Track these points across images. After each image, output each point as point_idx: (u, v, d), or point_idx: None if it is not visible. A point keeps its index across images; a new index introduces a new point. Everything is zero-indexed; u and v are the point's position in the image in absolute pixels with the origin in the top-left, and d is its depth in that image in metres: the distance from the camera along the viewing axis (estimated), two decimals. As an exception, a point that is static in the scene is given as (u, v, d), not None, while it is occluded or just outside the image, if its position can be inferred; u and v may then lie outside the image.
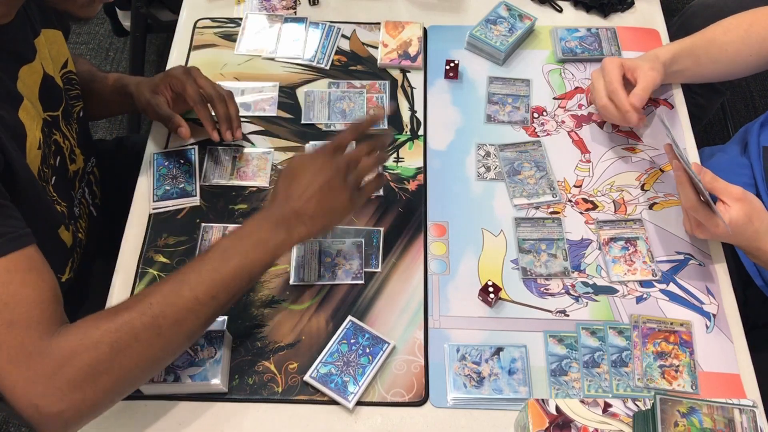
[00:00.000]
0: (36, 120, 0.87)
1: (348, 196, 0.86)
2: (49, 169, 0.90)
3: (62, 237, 0.93)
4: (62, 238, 0.93)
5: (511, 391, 0.88)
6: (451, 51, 1.22)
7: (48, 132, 0.91)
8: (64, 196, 0.95)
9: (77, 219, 0.99)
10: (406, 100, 1.16)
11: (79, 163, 1.00)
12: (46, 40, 0.92)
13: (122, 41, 2.29)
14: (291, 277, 0.97)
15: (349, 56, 1.21)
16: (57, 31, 0.96)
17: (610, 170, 1.08)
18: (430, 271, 0.98)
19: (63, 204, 0.94)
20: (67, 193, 0.97)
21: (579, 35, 1.22)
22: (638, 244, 1.00)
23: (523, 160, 1.08)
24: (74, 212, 0.98)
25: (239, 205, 1.04)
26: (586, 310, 0.95)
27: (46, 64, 0.91)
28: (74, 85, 1.00)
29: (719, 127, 2.12)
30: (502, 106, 1.15)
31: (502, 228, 1.02)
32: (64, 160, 0.96)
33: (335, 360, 0.89)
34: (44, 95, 0.90)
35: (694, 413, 0.77)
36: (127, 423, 0.86)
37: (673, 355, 0.90)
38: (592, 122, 1.13)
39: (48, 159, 0.90)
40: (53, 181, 0.92)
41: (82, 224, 1.01)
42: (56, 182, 0.92)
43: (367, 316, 0.94)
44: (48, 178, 0.90)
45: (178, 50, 1.22)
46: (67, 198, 0.96)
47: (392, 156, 1.09)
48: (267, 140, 1.11)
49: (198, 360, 0.86)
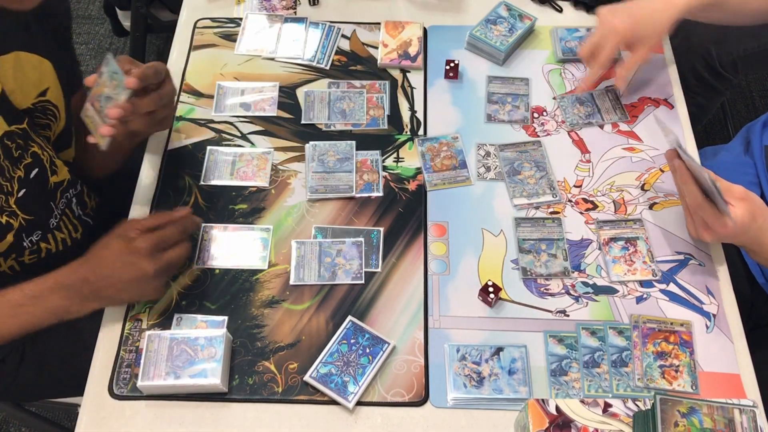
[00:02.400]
0: None
1: (152, 289, 0.90)
2: (8, 182, 0.89)
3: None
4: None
5: (511, 391, 0.88)
6: (451, 51, 1.22)
7: (22, 144, 0.90)
8: (36, 208, 0.94)
9: (52, 230, 0.98)
10: (406, 100, 1.16)
11: (62, 174, 0.99)
12: (19, 62, 0.90)
13: (122, 41, 2.30)
14: (291, 277, 0.97)
15: (349, 56, 1.21)
16: (44, 60, 0.94)
17: (610, 170, 1.08)
18: (430, 271, 0.98)
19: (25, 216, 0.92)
20: (45, 206, 0.96)
21: (579, 35, 1.22)
22: (638, 244, 1.00)
23: (523, 160, 1.08)
24: (49, 224, 0.97)
25: (239, 205, 1.04)
26: (586, 310, 0.95)
27: (5, 81, 0.88)
28: (48, 115, 0.97)
29: (719, 127, 2.12)
30: (502, 105, 1.15)
31: (502, 228, 1.02)
32: (44, 173, 0.94)
33: (335, 360, 0.89)
34: (4, 110, 0.88)
35: (694, 413, 0.77)
36: (128, 423, 0.86)
37: (673, 355, 0.90)
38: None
39: (6, 171, 0.88)
40: (20, 193, 0.91)
41: (60, 236, 0.99)
42: (25, 195, 0.91)
43: (367, 316, 0.94)
44: (10, 190, 0.89)
45: (178, 50, 1.22)
46: (41, 210, 0.95)
47: (392, 156, 1.09)
48: (267, 140, 1.11)
49: (198, 360, 0.86)
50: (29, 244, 0.94)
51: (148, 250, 0.87)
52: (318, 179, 1.05)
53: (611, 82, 1.16)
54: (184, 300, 0.95)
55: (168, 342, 0.87)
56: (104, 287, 0.88)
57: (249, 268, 0.98)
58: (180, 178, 1.06)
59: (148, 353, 0.86)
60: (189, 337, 0.87)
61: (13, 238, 0.91)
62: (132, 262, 0.86)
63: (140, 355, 0.88)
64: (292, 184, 1.06)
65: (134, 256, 0.86)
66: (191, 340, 0.87)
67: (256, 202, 1.04)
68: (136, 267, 0.86)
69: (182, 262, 0.92)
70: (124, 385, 0.88)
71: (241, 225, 1.02)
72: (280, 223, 1.02)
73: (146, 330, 0.92)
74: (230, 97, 1.15)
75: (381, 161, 1.08)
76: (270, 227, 1.01)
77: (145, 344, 0.87)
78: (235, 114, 1.13)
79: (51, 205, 0.97)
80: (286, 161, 1.09)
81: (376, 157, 1.09)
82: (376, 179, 1.06)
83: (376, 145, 1.10)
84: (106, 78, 0.88)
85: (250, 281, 0.97)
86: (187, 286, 0.96)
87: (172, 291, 0.96)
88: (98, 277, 0.87)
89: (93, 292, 0.88)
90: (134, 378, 0.88)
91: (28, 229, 0.93)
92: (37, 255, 0.97)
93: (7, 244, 0.91)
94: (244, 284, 0.97)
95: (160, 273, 0.88)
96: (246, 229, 1.01)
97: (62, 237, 1.00)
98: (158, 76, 0.91)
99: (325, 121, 1.13)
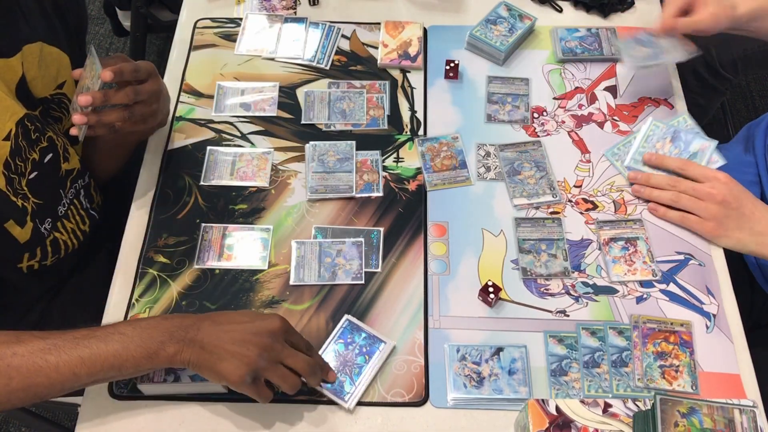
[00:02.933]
0: (10, 112, 0.87)
1: (248, 362, 0.78)
2: (23, 162, 0.89)
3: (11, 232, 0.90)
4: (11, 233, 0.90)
5: (511, 391, 0.88)
6: (451, 51, 1.22)
7: (39, 127, 0.91)
8: (46, 193, 0.94)
9: (61, 218, 0.98)
10: (406, 100, 1.16)
11: (73, 163, 1.00)
12: (42, 53, 0.93)
13: (122, 41, 2.30)
14: (291, 277, 0.97)
15: (349, 56, 1.21)
16: (63, 54, 0.97)
17: (610, 170, 1.08)
18: (430, 271, 0.98)
19: (35, 200, 0.92)
20: (54, 192, 0.96)
21: (579, 35, 1.22)
22: (638, 244, 1.00)
23: (523, 160, 1.08)
24: (57, 211, 0.97)
25: (239, 205, 1.04)
26: (586, 310, 0.95)
27: (28, 69, 0.91)
28: (62, 109, 0.99)
29: (719, 127, 2.12)
30: (502, 105, 1.15)
31: (502, 228, 1.02)
32: (57, 158, 0.95)
33: (331, 360, 0.89)
34: (22, 96, 0.90)
35: (694, 413, 0.77)
36: (128, 423, 0.86)
37: (673, 355, 0.90)
38: (592, 122, 1.13)
39: (23, 152, 0.89)
40: (32, 175, 0.91)
41: (69, 225, 0.99)
42: (36, 178, 0.92)
43: (367, 316, 0.94)
44: (23, 171, 0.90)
45: (178, 50, 1.22)
46: (49, 196, 0.95)
47: (392, 156, 1.09)
48: (267, 140, 1.11)
49: (198, 360, 0.86)
50: (45, 232, 0.94)
51: (281, 330, 0.81)
52: (318, 179, 1.05)
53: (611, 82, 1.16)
54: (184, 300, 0.95)
55: (168, 342, 0.87)
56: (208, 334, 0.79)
57: (249, 269, 0.98)
58: (180, 178, 1.06)
59: (148, 353, 0.86)
60: (189, 337, 0.87)
61: (32, 222, 0.91)
62: (257, 327, 0.80)
63: (140, 356, 0.88)
64: (292, 184, 1.06)
65: (264, 322, 0.81)
66: (191, 340, 0.87)
67: (256, 202, 1.04)
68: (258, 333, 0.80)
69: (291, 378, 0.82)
70: (124, 385, 0.88)
71: (241, 225, 1.02)
72: (280, 223, 1.02)
73: (146, 330, 0.91)
74: (230, 97, 1.15)
75: (381, 161, 1.08)
76: (270, 227, 1.01)
77: (145, 344, 0.87)
78: (235, 114, 1.13)
79: (60, 192, 0.97)
80: (286, 161, 1.09)
81: (376, 157, 1.09)
82: (376, 179, 1.06)
83: (376, 145, 1.10)
84: (88, 71, 0.89)
85: (250, 281, 0.97)
86: (187, 286, 0.96)
87: (172, 291, 0.96)
88: (211, 322, 0.81)
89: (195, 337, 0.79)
90: (134, 378, 0.88)
91: (39, 215, 0.93)
92: (57, 253, 0.97)
93: (29, 230, 0.91)
94: (244, 284, 0.97)
95: (270, 358, 0.80)
96: (246, 229, 1.01)
97: (71, 227, 0.99)
98: (136, 74, 0.90)
99: (325, 121, 1.13)
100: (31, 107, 0.92)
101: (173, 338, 0.78)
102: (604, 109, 1.15)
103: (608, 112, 1.14)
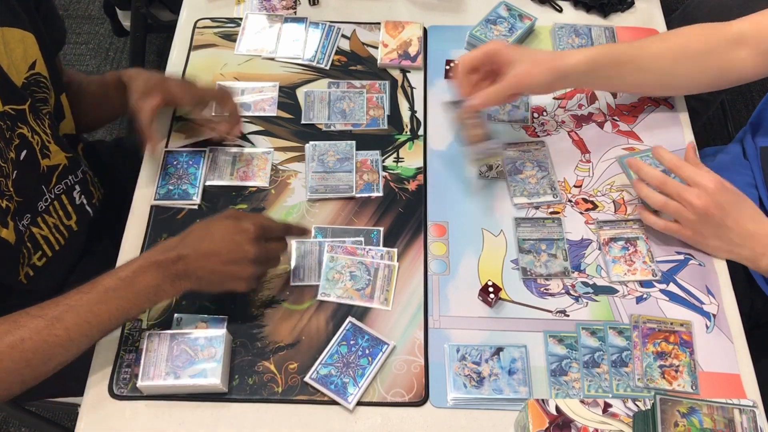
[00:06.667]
0: None
1: (246, 276, 0.86)
2: (6, 163, 0.89)
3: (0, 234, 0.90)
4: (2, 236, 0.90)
5: (511, 391, 0.88)
6: (451, 51, 1.22)
7: (10, 125, 0.90)
8: (27, 190, 0.94)
9: (41, 214, 0.97)
10: (406, 100, 1.16)
11: (55, 159, 0.98)
12: (4, 37, 0.90)
13: (122, 41, 2.30)
14: (291, 277, 0.97)
15: (349, 56, 1.21)
16: (26, 33, 0.94)
17: (610, 170, 1.08)
18: (430, 271, 0.98)
19: (17, 199, 0.92)
20: (35, 189, 0.96)
21: (579, 35, 1.22)
22: (638, 244, 1.00)
23: (526, 160, 1.08)
24: (37, 207, 0.96)
25: (239, 205, 1.04)
26: (586, 310, 0.95)
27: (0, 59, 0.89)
28: (42, 88, 0.98)
29: (719, 127, 2.12)
30: (502, 105, 1.15)
31: (502, 228, 1.02)
32: (34, 155, 0.94)
33: (335, 361, 0.89)
34: (8, 91, 0.89)
35: (694, 413, 0.77)
36: (128, 423, 0.86)
37: (673, 355, 0.90)
38: (592, 122, 1.13)
39: (2, 153, 0.88)
40: (14, 175, 0.90)
41: (50, 220, 0.99)
42: (18, 177, 0.91)
43: (366, 316, 0.94)
44: (7, 172, 0.89)
45: (178, 50, 1.22)
46: (30, 193, 0.94)
47: (392, 156, 1.09)
48: (267, 140, 1.11)
49: (198, 360, 0.86)
50: (23, 228, 0.94)
51: (255, 233, 0.86)
52: (318, 179, 1.05)
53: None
54: (184, 300, 0.95)
55: (168, 342, 0.87)
56: (199, 267, 0.85)
57: (249, 268, 0.98)
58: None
59: (148, 353, 0.86)
60: (189, 337, 0.87)
61: (12, 221, 0.91)
62: (236, 241, 0.85)
63: (140, 355, 0.88)
64: (292, 184, 1.06)
65: (239, 235, 0.85)
66: (191, 340, 0.87)
67: (256, 202, 1.04)
68: (239, 247, 0.85)
69: (279, 257, 0.92)
70: (124, 385, 0.88)
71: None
72: (280, 223, 1.02)
73: (146, 330, 0.92)
74: (230, 97, 1.15)
75: (381, 161, 1.08)
76: (270, 227, 1.01)
77: (145, 344, 0.87)
78: (235, 114, 1.13)
79: (42, 188, 0.97)
80: (286, 161, 1.09)
81: (376, 157, 1.09)
82: (376, 179, 1.06)
83: (376, 145, 1.10)
84: None
85: (250, 281, 0.97)
86: (187, 286, 0.96)
87: (172, 291, 0.96)
88: (196, 254, 0.85)
89: (186, 271, 0.85)
90: (134, 378, 0.88)
91: (19, 212, 0.93)
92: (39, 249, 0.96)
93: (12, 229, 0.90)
94: (244, 284, 0.97)
95: (259, 260, 0.86)
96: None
97: (53, 222, 0.99)
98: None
99: (325, 121, 1.13)
100: (20, 101, 0.91)
101: (166, 277, 0.84)
102: (604, 109, 1.15)
103: (608, 112, 1.14)
